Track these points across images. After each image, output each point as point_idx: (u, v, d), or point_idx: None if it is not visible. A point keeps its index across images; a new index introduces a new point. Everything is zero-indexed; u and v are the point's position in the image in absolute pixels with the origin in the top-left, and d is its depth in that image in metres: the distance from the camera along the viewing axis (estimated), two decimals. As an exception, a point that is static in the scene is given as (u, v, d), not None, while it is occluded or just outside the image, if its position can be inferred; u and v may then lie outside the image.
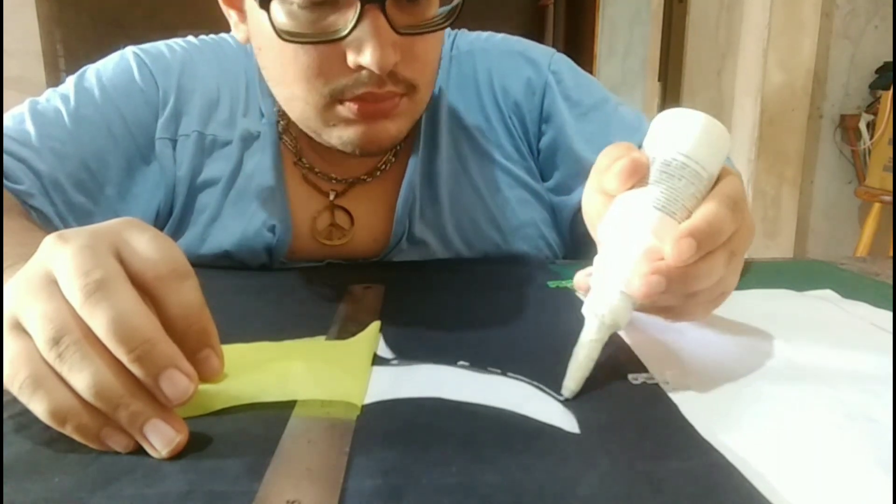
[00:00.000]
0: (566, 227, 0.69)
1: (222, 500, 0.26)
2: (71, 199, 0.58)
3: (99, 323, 0.28)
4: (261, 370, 0.36)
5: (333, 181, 0.65)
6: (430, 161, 0.65)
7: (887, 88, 1.96)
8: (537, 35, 2.83)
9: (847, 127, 2.14)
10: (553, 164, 0.68)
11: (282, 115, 0.63)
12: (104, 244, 0.30)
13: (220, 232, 0.63)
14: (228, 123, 0.64)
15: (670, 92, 2.55)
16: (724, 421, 0.32)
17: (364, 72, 0.49)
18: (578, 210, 0.52)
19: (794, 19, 2.06)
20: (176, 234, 0.64)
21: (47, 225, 0.56)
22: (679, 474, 0.27)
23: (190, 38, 0.69)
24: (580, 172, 0.65)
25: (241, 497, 0.25)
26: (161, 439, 0.29)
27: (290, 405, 0.33)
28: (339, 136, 0.54)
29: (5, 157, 0.56)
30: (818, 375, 0.37)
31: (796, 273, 0.63)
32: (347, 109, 0.52)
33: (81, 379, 0.27)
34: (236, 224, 0.63)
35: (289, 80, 0.53)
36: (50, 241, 0.30)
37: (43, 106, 0.61)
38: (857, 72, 2.13)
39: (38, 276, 0.29)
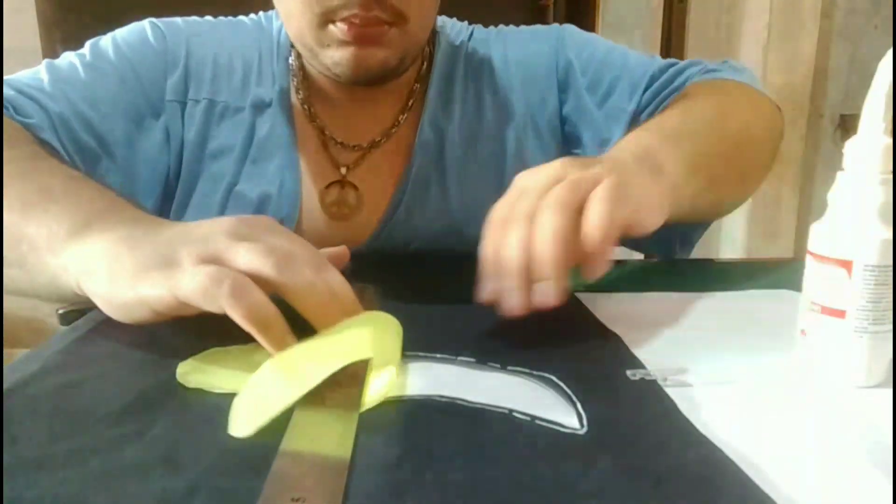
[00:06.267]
0: None
1: (227, 497, 0.26)
2: (78, 138, 0.60)
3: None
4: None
5: (347, 148, 0.67)
6: (441, 129, 0.67)
7: (887, 88, 1.96)
8: (537, 35, 2.83)
9: (847, 127, 2.14)
10: (578, 130, 0.71)
11: (294, 73, 0.66)
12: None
13: (238, 199, 0.65)
14: (241, 91, 0.66)
15: (670, 92, 2.54)
16: (723, 417, 0.32)
17: None
18: None
19: (794, 19, 2.06)
20: (185, 200, 0.66)
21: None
22: (678, 470, 0.27)
23: (207, 17, 0.72)
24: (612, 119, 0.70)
25: (246, 494, 0.26)
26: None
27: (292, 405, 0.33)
28: (332, 57, 0.58)
29: (17, 94, 0.59)
30: (818, 375, 0.37)
31: (796, 273, 0.63)
32: (339, 30, 0.56)
33: None
34: (254, 190, 0.65)
35: None
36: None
37: (59, 62, 0.64)
38: (857, 72, 2.13)
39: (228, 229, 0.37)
